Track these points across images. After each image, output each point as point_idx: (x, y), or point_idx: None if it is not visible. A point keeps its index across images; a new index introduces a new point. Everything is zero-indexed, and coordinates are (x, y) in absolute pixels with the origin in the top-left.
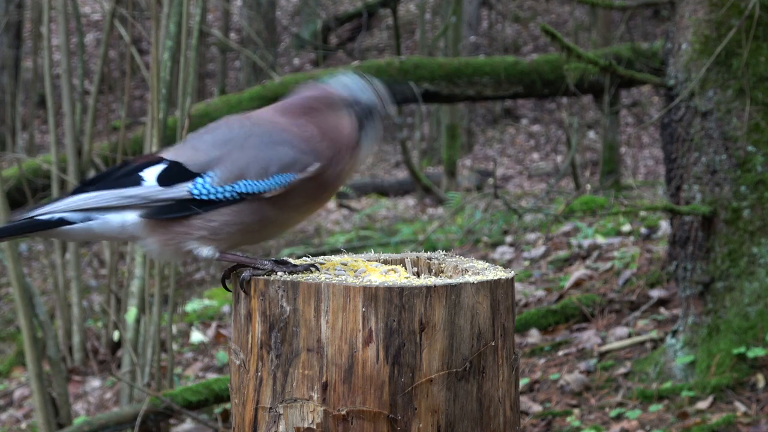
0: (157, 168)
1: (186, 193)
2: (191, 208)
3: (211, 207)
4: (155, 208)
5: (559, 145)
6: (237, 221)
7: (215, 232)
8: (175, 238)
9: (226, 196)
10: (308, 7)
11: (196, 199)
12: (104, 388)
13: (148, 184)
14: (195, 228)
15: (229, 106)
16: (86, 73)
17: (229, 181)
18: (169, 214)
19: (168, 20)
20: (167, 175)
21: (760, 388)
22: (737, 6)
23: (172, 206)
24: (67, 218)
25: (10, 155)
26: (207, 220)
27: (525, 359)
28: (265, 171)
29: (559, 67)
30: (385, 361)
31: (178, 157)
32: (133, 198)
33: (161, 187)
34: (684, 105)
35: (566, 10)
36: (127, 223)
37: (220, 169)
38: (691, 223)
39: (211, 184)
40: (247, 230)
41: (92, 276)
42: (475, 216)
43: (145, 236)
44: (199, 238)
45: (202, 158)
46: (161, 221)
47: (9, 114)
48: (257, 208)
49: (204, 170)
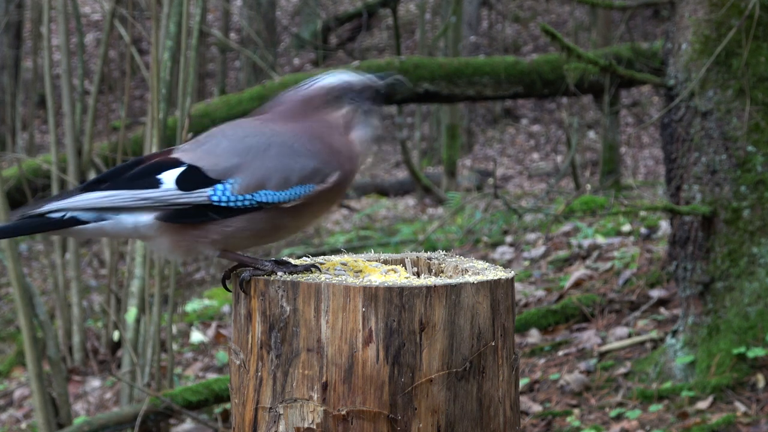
0: (175, 171)
1: (205, 198)
2: (208, 214)
3: (228, 213)
4: (172, 212)
5: (559, 145)
6: (251, 227)
7: (228, 237)
8: (188, 239)
9: (246, 204)
10: (308, 7)
11: (215, 205)
12: (104, 388)
13: (166, 186)
14: (210, 232)
15: (229, 106)
16: (86, 73)
17: (249, 189)
18: (186, 219)
19: (168, 20)
20: (187, 180)
21: (760, 388)
22: (737, 6)
23: (189, 211)
24: (79, 217)
25: (10, 155)
26: (224, 225)
27: (525, 359)
28: (286, 181)
29: (559, 67)
30: (385, 361)
31: (196, 161)
32: (149, 200)
33: (180, 191)
34: (684, 105)
35: (566, 10)
36: (141, 223)
37: (241, 177)
38: (691, 223)
39: (231, 191)
40: (258, 235)
41: (92, 276)
42: (475, 216)
43: (157, 236)
44: (211, 241)
45: (222, 164)
46: (176, 224)
47: (9, 114)
48: (274, 216)
49: (224, 177)
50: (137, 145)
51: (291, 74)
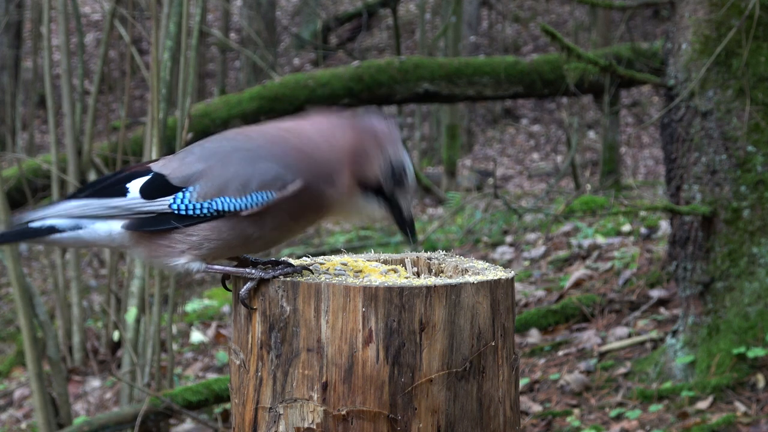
0: (141, 180)
1: (166, 207)
2: (171, 222)
3: (190, 222)
4: (137, 220)
5: (559, 145)
6: (216, 237)
7: (196, 247)
8: (158, 250)
9: (204, 212)
10: (308, 7)
11: (176, 213)
12: (104, 388)
13: (131, 195)
14: (176, 242)
15: (229, 106)
16: (86, 73)
17: (208, 196)
18: (149, 227)
19: (168, 20)
20: (150, 188)
21: (760, 388)
22: (737, 6)
23: (152, 219)
24: (56, 226)
25: (10, 155)
26: (187, 234)
27: (525, 359)
28: (245, 188)
29: (559, 67)
30: (385, 361)
31: (163, 169)
32: (117, 208)
33: (143, 200)
34: (684, 105)
35: (566, 10)
36: (113, 232)
37: (200, 184)
38: (691, 223)
39: (189, 199)
40: (227, 246)
41: (92, 276)
42: (475, 216)
43: (132, 246)
44: (180, 252)
45: (185, 172)
46: (144, 233)
47: (9, 114)
48: (235, 225)
49: (186, 184)
50: (137, 145)
51: (291, 74)
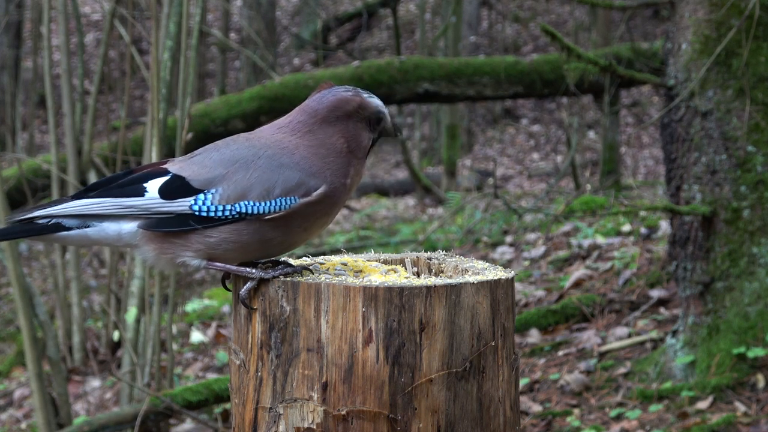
0: (160, 180)
1: (186, 208)
2: (190, 223)
3: (210, 224)
4: (155, 220)
5: (559, 145)
6: (235, 239)
7: (212, 248)
8: (171, 249)
9: (226, 214)
10: (308, 7)
11: (196, 214)
12: (104, 388)
13: (150, 195)
14: (192, 242)
15: (229, 106)
16: (86, 73)
17: (230, 200)
18: (168, 228)
19: (168, 20)
20: (170, 189)
21: (760, 388)
22: (737, 6)
23: (171, 220)
24: (63, 224)
25: (10, 155)
26: (205, 236)
27: (525, 359)
28: (268, 193)
29: (559, 67)
30: (385, 361)
31: (182, 171)
32: (134, 208)
33: (163, 200)
34: (684, 105)
35: (566, 10)
36: (124, 231)
37: (223, 188)
38: (691, 223)
39: (212, 201)
40: (244, 248)
41: (92, 276)
42: (475, 216)
43: (141, 245)
44: (195, 251)
45: (206, 175)
46: (158, 233)
47: (9, 114)
48: (257, 228)
49: (207, 187)
50: (137, 145)
51: (291, 74)
